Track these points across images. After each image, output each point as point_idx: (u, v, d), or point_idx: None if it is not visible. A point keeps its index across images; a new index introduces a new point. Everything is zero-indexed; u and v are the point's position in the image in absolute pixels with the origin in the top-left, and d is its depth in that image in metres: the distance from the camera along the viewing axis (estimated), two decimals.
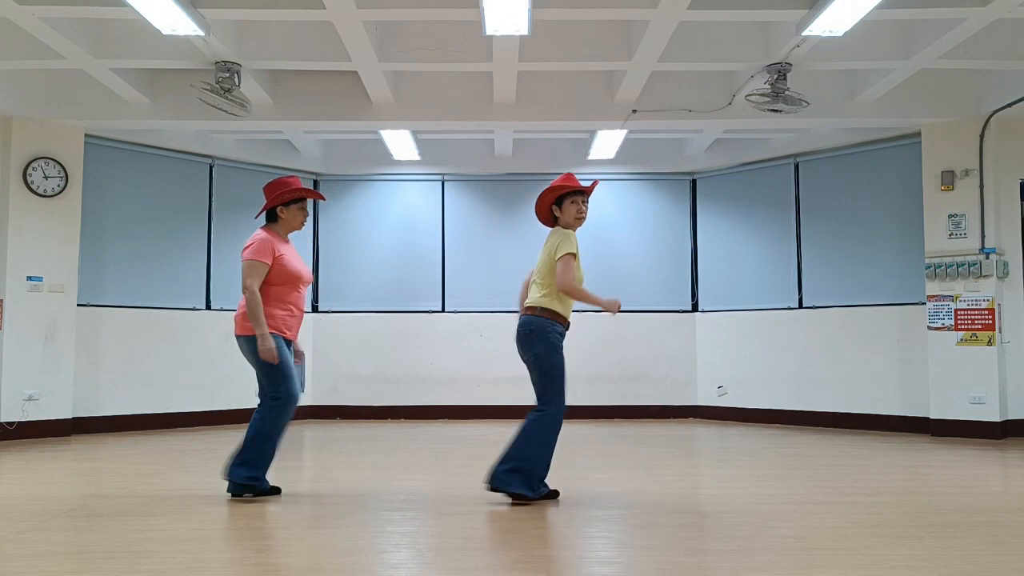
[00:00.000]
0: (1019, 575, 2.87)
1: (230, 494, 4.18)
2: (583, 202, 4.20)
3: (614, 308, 4.04)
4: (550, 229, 4.28)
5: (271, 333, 4.07)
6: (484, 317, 8.64)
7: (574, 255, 4.06)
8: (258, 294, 4.05)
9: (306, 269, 4.32)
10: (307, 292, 4.40)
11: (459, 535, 3.47)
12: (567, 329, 4.16)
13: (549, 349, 4.08)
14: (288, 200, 4.26)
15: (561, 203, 4.22)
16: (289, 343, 4.24)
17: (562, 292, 4.06)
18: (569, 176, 4.23)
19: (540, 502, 4.09)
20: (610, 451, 6.12)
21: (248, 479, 4.14)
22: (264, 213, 4.33)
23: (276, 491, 4.29)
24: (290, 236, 4.38)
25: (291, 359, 4.20)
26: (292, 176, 4.35)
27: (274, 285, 4.15)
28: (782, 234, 8.14)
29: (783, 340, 7.99)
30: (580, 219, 4.21)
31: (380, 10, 5.18)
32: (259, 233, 4.22)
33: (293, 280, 4.19)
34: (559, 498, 4.17)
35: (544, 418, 4.06)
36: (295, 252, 4.31)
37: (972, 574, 2.87)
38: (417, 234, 8.81)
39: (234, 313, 4.23)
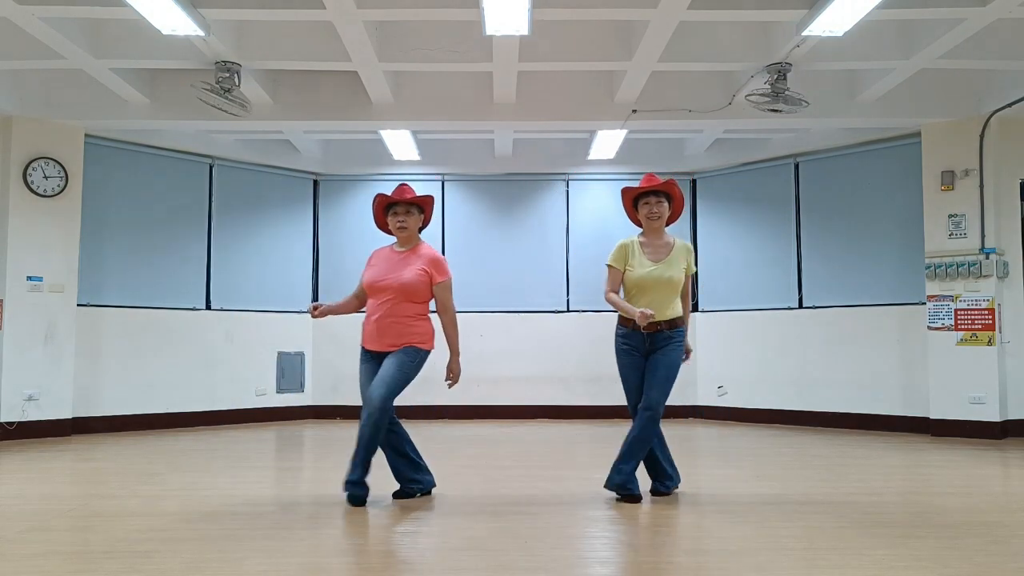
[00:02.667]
0: (1019, 575, 2.87)
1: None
2: (656, 202, 4.24)
3: (641, 319, 4.08)
4: None
5: (362, 347, 4.20)
6: (484, 317, 8.63)
7: (609, 266, 4.27)
8: (345, 299, 4.33)
9: (384, 277, 4.16)
10: (393, 301, 4.13)
11: (459, 535, 3.47)
12: (629, 329, 4.19)
13: (615, 353, 4.29)
14: (379, 215, 4.36)
15: (637, 206, 4.32)
16: (375, 353, 4.15)
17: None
18: (647, 177, 4.29)
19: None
20: (610, 451, 6.09)
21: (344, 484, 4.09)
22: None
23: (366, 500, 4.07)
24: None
25: (365, 376, 4.12)
26: (394, 189, 4.32)
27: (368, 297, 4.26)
28: (782, 234, 8.14)
29: (783, 340, 7.99)
30: (650, 219, 4.25)
31: (380, 10, 5.18)
32: None
33: (367, 290, 4.21)
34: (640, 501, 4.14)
35: None
36: (399, 263, 4.20)
37: (972, 574, 2.87)
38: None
39: None
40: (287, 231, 8.61)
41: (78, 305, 6.99)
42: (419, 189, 8.69)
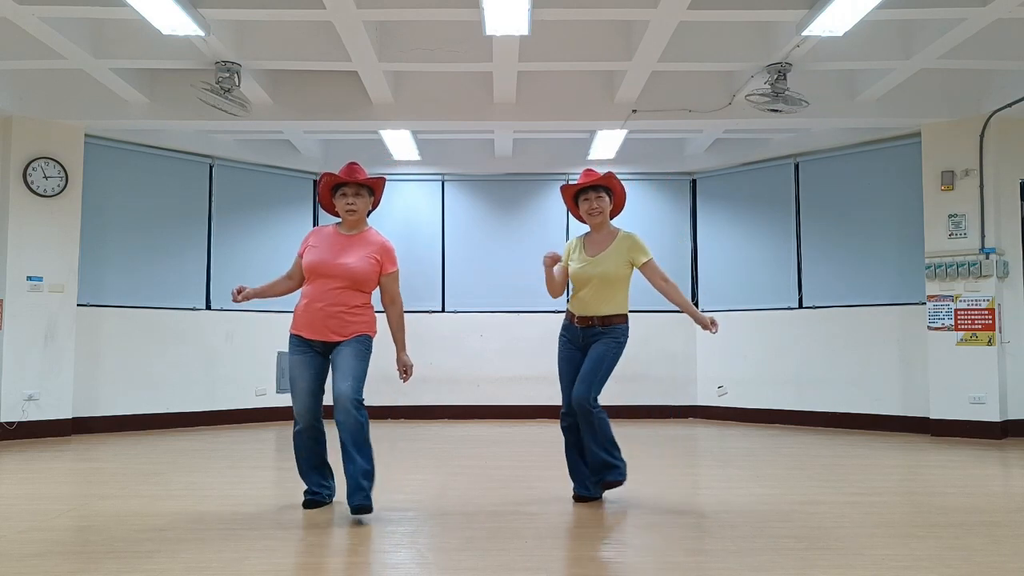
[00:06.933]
0: (1019, 575, 2.87)
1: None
2: (595, 197, 4.13)
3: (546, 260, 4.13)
4: None
5: (292, 335, 3.88)
6: (484, 317, 8.64)
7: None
8: (280, 277, 4.07)
9: (331, 261, 3.83)
10: (338, 288, 3.82)
11: (459, 535, 3.47)
12: (568, 322, 4.20)
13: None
14: (324, 194, 4.02)
15: (578, 203, 4.22)
16: (313, 342, 3.85)
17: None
18: (585, 172, 4.18)
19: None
20: None
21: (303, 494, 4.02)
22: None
23: (309, 504, 3.96)
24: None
25: (301, 370, 3.84)
26: (342, 168, 3.95)
27: (305, 280, 3.93)
28: (782, 234, 8.14)
29: (783, 340, 7.99)
30: (591, 215, 4.15)
31: (380, 10, 5.18)
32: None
33: (309, 272, 3.86)
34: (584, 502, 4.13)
35: None
36: (347, 247, 3.88)
37: (972, 574, 2.87)
38: (417, 234, 8.81)
39: None
40: (287, 231, 8.60)
41: (78, 305, 6.99)
42: (419, 189, 8.86)
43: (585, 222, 4.24)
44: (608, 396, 9.11)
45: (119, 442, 6.57)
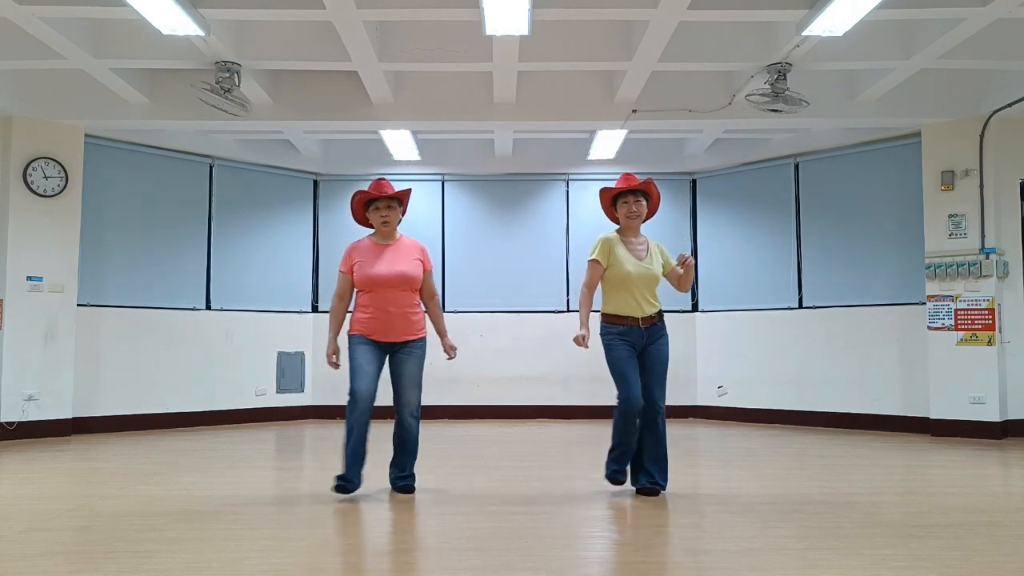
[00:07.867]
0: (1018, 575, 2.87)
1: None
2: (635, 201, 4.33)
3: (577, 341, 4.26)
4: None
5: (354, 335, 4.27)
6: (484, 317, 8.64)
7: (594, 261, 4.30)
8: (335, 302, 4.38)
9: (388, 271, 4.25)
10: (398, 292, 4.28)
11: (459, 535, 3.47)
12: (627, 327, 4.25)
13: (605, 349, 4.31)
14: (358, 210, 4.43)
15: (616, 205, 4.40)
16: (378, 343, 4.27)
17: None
18: (624, 177, 4.37)
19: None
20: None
21: (336, 478, 4.19)
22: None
23: (340, 488, 4.16)
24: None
25: (366, 356, 4.20)
26: (371, 184, 4.40)
27: (359, 291, 4.33)
28: (782, 234, 8.14)
29: (783, 340, 7.99)
30: (630, 218, 4.34)
31: (380, 10, 5.18)
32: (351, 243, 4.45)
33: (367, 285, 4.25)
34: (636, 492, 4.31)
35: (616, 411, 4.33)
36: (391, 255, 4.31)
37: (972, 574, 2.87)
38: (417, 234, 8.66)
39: None
40: (287, 231, 8.61)
41: (78, 305, 6.99)
42: (419, 189, 8.86)
43: (619, 223, 4.43)
44: (609, 396, 9.09)
45: (119, 442, 6.57)
